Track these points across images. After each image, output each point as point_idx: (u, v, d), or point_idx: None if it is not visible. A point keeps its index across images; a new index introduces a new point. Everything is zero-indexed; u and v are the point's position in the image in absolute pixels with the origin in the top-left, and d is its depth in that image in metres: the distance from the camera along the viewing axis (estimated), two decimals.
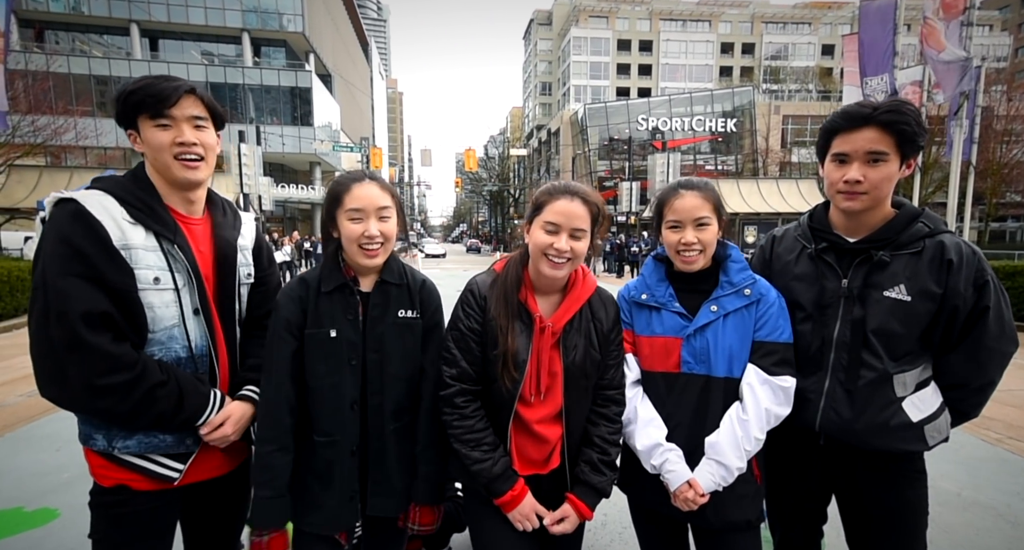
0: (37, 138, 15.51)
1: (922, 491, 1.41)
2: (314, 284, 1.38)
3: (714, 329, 1.39)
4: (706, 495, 1.34)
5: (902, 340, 1.33)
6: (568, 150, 41.66)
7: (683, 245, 1.40)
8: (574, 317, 1.39)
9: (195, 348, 1.30)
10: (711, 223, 1.41)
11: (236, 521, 1.54)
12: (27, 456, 3.42)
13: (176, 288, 1.26)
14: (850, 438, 1.37)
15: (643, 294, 1.49)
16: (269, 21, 32.14)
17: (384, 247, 1.38)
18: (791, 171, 31.85)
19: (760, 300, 1.40)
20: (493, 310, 1.37)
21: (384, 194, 1.38)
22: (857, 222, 1.39)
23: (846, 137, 1.31)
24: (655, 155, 18.97)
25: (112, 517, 1.29)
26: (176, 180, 1.29)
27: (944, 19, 8.53)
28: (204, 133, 1.30)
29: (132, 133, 1.28)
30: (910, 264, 1.33)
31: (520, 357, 1.34)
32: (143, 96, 1.22)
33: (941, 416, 1.38)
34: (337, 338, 1.35)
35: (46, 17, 29.29)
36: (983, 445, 3.67)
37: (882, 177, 1.29)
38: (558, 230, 1.31)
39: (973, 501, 2.87)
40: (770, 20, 58.55)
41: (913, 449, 1.36)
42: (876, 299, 1.34)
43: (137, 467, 1.26)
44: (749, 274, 1.43)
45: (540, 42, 67.09)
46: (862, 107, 1.30)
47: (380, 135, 78.59)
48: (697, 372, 1.39)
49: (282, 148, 29.42)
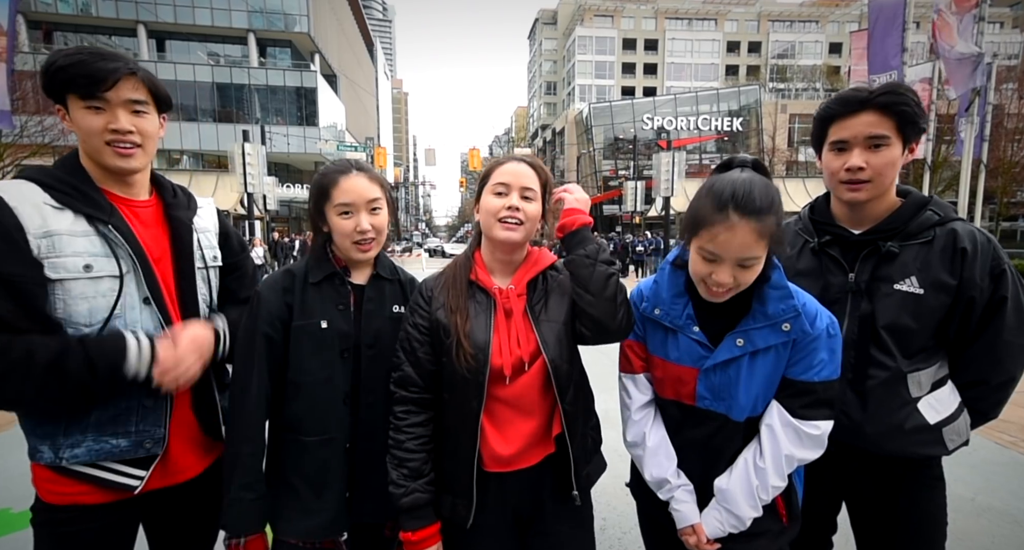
0: (45, 138, 15.61)
1: (940, 500, 1.32)
2: (301, 275, 1.31)
3: (738, 366, 1.16)
4: (712, 542, 1.20)
5: (915, 336, 1.25)
6: (573, 150, 41.56)
7: (715, 283, 1.12)
8: (537, 281, 1.30)
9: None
10: (757, 264, 1.10)
11: (210, 528, 1.43)
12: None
13: (119, 274, 1.15)
14: (861, 442, 1.28)
15: (656, 309, 1.27)
16: (275, 22, 32.24)
17: (377, 240, 1.33)
18: (798, 170, 31.61)
19: (801, 337, 1.15)
20: (439, 299, 1.28)
21: (373, 185, 1.32)
22: (861, 213, 1.31)
23: (843, 123, 1.24)
24: (660, 154, 18.80)
25: (58, 537, 1.17)
26: (108, 167, 1.18)
27: (957, 13, 8.39)
28: (142, 119, 1.18)
29: (60, 108, 1.15)
30: (921, 254, 1.24)
31: (479, 337, 1.22)
32: (74, 75, 1.09)
33: (960, 417, 1.29)
34: (328, 329, 1.28)
35: (54, 18, 29.50)
36: (997, 448, 3.56)
37: (885, 162, 1.22)
38: (508, 191, 1.24)
39: (988, 506, 2.78)
40: (777, 18, 58.13)
41: (932, 453, 1.28)
42: (886, 293, 1.25)
43: (90, 477, 1.16)
44: (792, 305, 1.14)
45: (545, 41, 66.94)
46: (857, 91, 1.22)
47: (385, 135, 78.84)
48: (715, 409, 1.20)
49: (287, 148, 29.50)
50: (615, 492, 1.46)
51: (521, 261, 1.34)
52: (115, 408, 1.16)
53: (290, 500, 1.29)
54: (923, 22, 13.75)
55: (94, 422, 1.15)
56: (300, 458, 1.29)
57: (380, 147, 29.72)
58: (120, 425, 1.17)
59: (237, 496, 1.23)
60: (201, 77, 30.17)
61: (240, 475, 1.23)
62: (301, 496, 1.28)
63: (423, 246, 40.84)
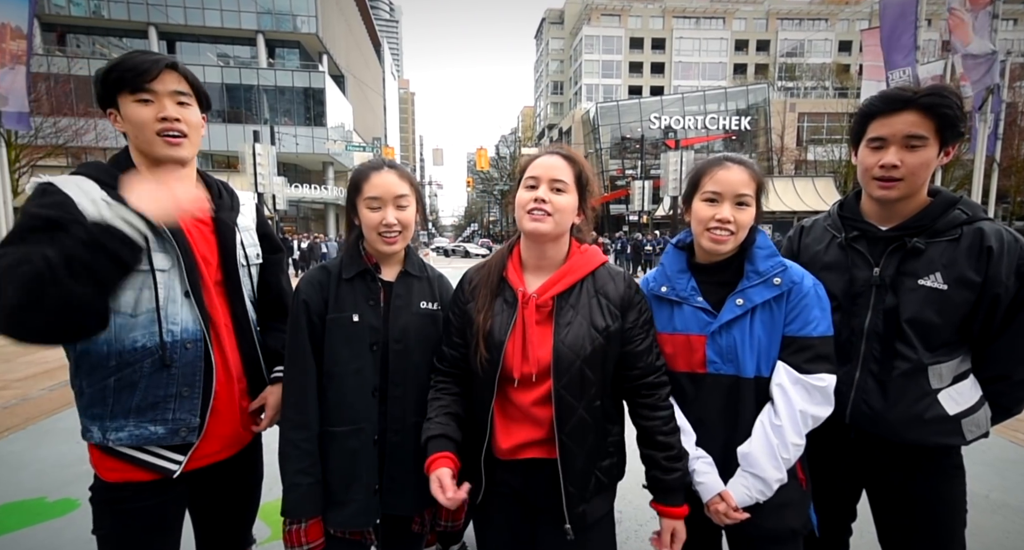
0: (59, 139, 15.85)
1: (960, 488, 1.35)
2: (335, 271, 1.38)
3: (741, 325, 1.27)
4: (740, 510, 1.24)
5: (938, 330, 1.28)
6: (580, 149, 41.50)
7: (717, 222, 1.26)
8: (571, 291, 1.26)
9: (184, 333, 1.24)
10: (751, 204, 1.28)
11: (247, 509, 1.51)
12: (49, 448, 3.48)
13: (165, 269, 1.22)
14: (882, 430, 1.32)
15: (663, 286, 1.37)
16: (283, 23, 32.49)
17: (403, 235, 1.38)
18: (807, 169, 31.39)
19: (792, 290, 1.27)
20: (474, 293, 1.34)
21: (402, 182, 1.37)
22: (891, 210, 1.34)
23: (884, 121, 1.26)
24: (667, 154, 18.76)
25: (116, 513, 1.26)
26: (159, 158, 1.25)
27: (972, 10, 8.32)
28: (187, 110, 1.26)
29: (112, 112, 1.23)
30: (947, 251, 1.27)
31: (495, 337, 1.25)
32: (122, 72, 1.18)
33: (980, 410, 1.32)
34: (359, 322, 1.34)
35: (67, 21, 29.92)
36: (1012, 446, 3.56)
37: (920, 162, 1.24)
38: (538, 183, 1.25)
39: (1002, 503, 2.79)
40: (785, 16, 57.71)
41: (950, 443, 1.31)
42: (910, 287, 1.28)
43: (135, 460, 1.23)
44: (778, 260, 1.30)
45: (552, 41, 66.91)
46: (902, 91, 1.24)
47: (392, 135, 79.10)
48: (724, 372, 1.28)
49: (295, 148, 29.70)
50: (631, 485, 1.48)
51: (561, 260, 1.31)
52: (154, 396, 1.22)
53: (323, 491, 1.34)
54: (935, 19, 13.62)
55: (135, 408, 1.21)
56: (330, 449, 1.34)
57: (387, 147, 29.89)
58: (159, 412, 1.23)
59: (293, 482, 1.29)
60: (211, 78, 30.44)
61: (295, 461, 1.29)
62: (331, 487, 1.33)
63: (430, 245, 40.91)
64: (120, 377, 1.20)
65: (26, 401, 4.51)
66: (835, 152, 29.89)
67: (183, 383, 1.24)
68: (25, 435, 3.74)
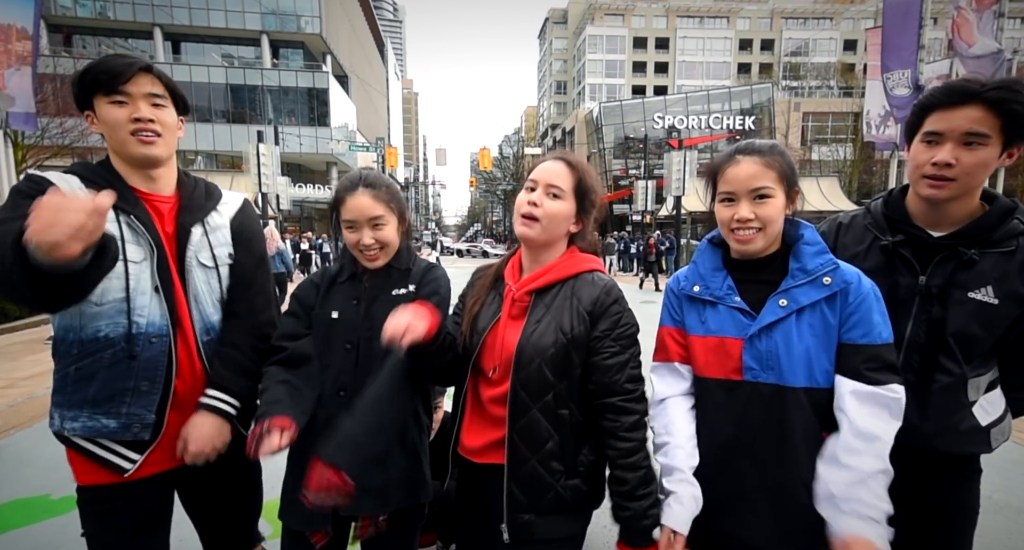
0: (65, 139, 15.93)
1: (976, 490, 1.33)
2: (332, 273, 1.47)
3: (784, 329, 1.12)
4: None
5: (980, 344, 1.22)
6: (583, 149, 41.45)
7: (737, 222, 1.16)
8: (548, 290, 1.25)
9: (151, 327, 1.23)
10: (774, 195, 1.14)
11: (246, 508, 1.50)
12: (54, 446, 3.49)
13: (136, 261, 1.23)
14: (914, 441, 1.25)
15: (695, 286, 1.24)
16: (287, 23, 32.58)
17: (384, 251, 1.41)
18: (811, 169, 31.21)
19: (846, 290, 1.12)
20: (475, 282, 1.42)
21: (376, 204, 1.36)
22: (940, 213, 1.23)
23: (944, 114, 1.14)
24: (671, 153, 18.68)
25: (98, 514, 1.27)
26: (133, 157, 1.27)
27: (977, 10, 8.26)
28: (162, 111, 1.27)
29: (89, 114, 1.26)
30: (1000, 264, 1.19)
31: (479, 324, 1.30)
32: (96, 73, 1.21)
33: (1006, 419, 1.31)
34: (338, 320, 1.38)
35: (74, 22, 30.09)
36: (1015, 447, 3.54)
37: (977, 162, 1.13)
38: (535, 186, 1.25)
39: (1005, 504, 2.79)
40: (790, 15, 57.47)
41: (979, 452, 1.29)
42: (959, 300, 1.20)
43: (91, 454, 1.23)
44: (829, 258, 1.16)
45: (555, 41, 66.85)
46: (969, 83, 1.12)
47: (395, 135, 79.17)
48: (764, 380, 1.13)
49: (299, 148, 29.81)
50: None
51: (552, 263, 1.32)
52: (111, 388, 1.22)
53: (289, 488, 1.35)
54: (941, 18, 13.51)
55: (91, 399, 1.22)
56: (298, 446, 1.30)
57: (391, 147, 29.87)
58: (113, 405, 1.22)
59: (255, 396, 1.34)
60: (215, 79, 30.60)
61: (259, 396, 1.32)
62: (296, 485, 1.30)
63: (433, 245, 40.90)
64: (80, 366, 1.21)
65: (32, 399, 4.55)
66: (839, 152, 29.74)
67: (143, 377, 1.24)
68: (31, 433, 3.78)
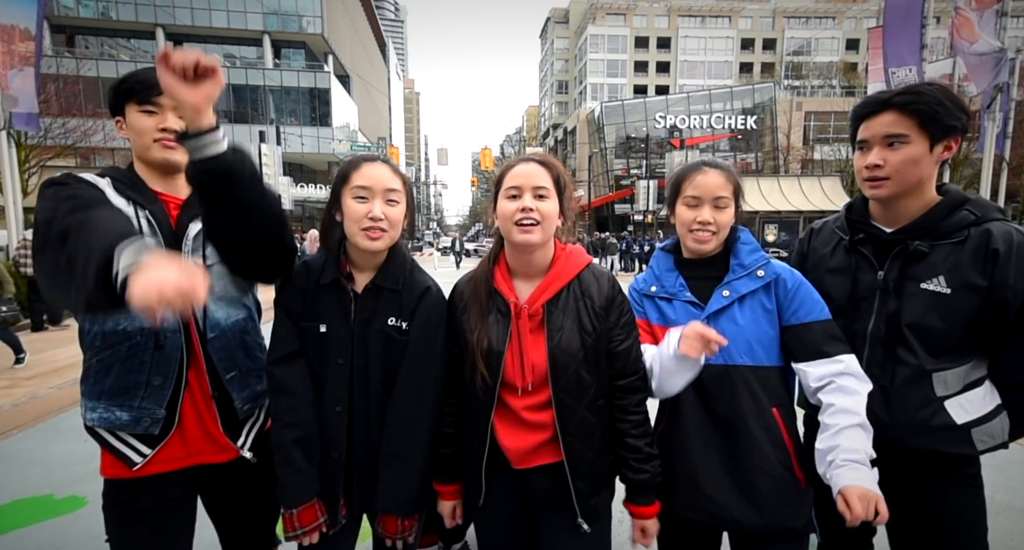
0: (68, 140, 15.99)
1: (975, 499, 1.31)
2: (314, 275, 1.34)
3: (729, 315, 1.32)
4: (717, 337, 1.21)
5: (942, 336, 1.25)
6: (584, 149, 41.44)
7: (698, 224, 1.35)
8: (559, 297, 1.28)
9: (165, 321, 1.19)
10: (729, 206, 1.36)
11: (266, 510, 1.49)
12: (57, 445, 3.53)
13: None
14: (886, 437, 1.28)
15: (652, 286, 1.44)
16: (289, 23, 32.64)
17: (388, 234, 1.29)
18: (813, 168, 31.16)
19: (778, 281, 1.32)
20: (464, 306, 1.33)
21: (395, 177, 1.32)
22: (895, 211, 1.32)
23: (867, 123, 1.30)
24: (673, 153, 18.76)
25: (121, 515, 1.29)
26: (155, 161, 1.33)
27: (977, 9, 8.25)
28: None
29: (119, 120, 1.33)
30: (952, 255, 1.24)
31: (494, 348, 1.26)
32: (132, 83, 1.29)
33: (995, 420, 1.28)
34: (327, 333, 1.31)
35: (76, 22, 30.19)
36: (1017, 447, 3.51)
37: (903, 159, 1.24)
38: (520, 193, 1.24)
39: (1007, 505, 2.78)
40: (792, 15, 57.33)
41: (958, 452, 1.27)
42: (912, 292, 1.27)
43: (106, 443, 1.28)
44: (761, 255, 1.36)
45: (557, 40, 66.80)
46: (880, 93, 1.29)
47: (397, 135, 79.32)
48: (713, 362, 1.29)
49: (301, 148, 29.84)
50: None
51: (548, 265, 1.32)
52: (125, 381, 1.25)
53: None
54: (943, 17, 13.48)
55: (107, 390, 1.25)
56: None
57: (393, 147, 29.98)
58: (127, 398, 1.25)
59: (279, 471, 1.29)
60: None
61: (276, 453, 1.30)
62: None
63: (434, 245, 40.91)
64: (100, 358, 1.25)
65: (35, 399, 4.57)
66: (842, 151, 29.66)
67: (156, 372, 1.25)
68: (34, 432, 3.80)
